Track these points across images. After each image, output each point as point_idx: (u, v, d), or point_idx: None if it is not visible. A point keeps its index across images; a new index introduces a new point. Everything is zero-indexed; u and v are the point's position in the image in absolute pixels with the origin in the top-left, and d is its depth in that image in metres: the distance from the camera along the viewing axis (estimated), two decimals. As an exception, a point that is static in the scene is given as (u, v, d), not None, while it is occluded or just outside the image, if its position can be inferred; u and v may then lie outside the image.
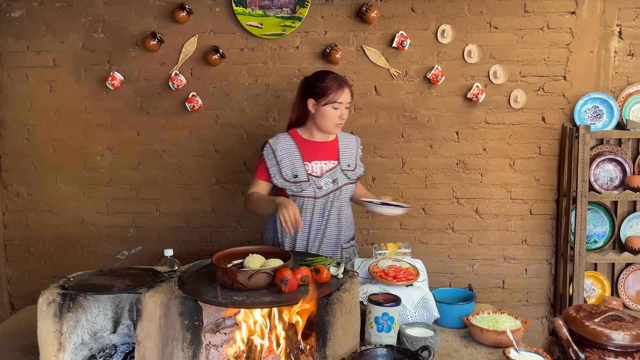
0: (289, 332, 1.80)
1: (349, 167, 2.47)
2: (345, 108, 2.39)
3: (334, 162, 2.45)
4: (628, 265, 3.18)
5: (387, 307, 1.81)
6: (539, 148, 3.19)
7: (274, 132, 3.18)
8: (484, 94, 3.11)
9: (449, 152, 3.21)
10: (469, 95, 3.11)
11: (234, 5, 3.08)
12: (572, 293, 3.06)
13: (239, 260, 1.88)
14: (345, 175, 2.45)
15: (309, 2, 3.05)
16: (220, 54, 3.11)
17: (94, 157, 3.28)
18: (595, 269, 3.21)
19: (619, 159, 3.09)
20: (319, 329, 1.70)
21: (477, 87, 3.10)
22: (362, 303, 1.92)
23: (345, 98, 2.37)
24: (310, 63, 3.15)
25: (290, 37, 3.13)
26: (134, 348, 1.78)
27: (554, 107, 3.15)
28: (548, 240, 3.26)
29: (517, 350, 1.75)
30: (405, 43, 3.08)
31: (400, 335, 1.86)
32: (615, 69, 3.11)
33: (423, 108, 3.18)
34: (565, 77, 3.12)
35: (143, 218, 3.33)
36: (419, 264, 2.24)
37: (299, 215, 2.16)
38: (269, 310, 1.74)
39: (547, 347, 1.81)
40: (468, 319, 1.98)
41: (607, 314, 1.69)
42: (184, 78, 3.16)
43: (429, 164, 3.22)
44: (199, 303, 1.69)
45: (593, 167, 3.09)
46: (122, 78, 3.16)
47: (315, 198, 2.39)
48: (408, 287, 2.07)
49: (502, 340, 1.85)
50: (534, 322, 3.29)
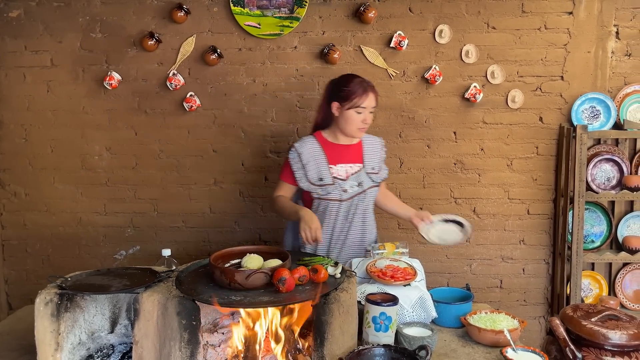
0: (287, 331, 1.80)
1: (374, 170, 2.46)
2: (370, 112, 2.36)
3: (359, 165, 2.44)
4: (625, 265, 3.19)
5: (384, 306, 1.81)
6: (537, 148, 3.19)
7: (272, 132, 3.22)
8: (482, 94, 3.12)
9: (447, 152, 3.21)
10: (467, 95, 3.12)
11: (232, 5, 3.08)
12: (569, 293, 3.07)
13: (237, 260, 1.88)
14: (370, 179, 2.44)
15: (307, 2, 3.06)
16: (218, 54, 3.11)
17: (92, 157, 3.28)
18: (593, 269, 3.21)
19: (616, 159, 3.10)
20: (317, 329, 1.70)
21: (474, 87, 3.10)
22: (359, 303, 1.92)
23: (370, 103, 2.35)
24: (308, 63, 3.15)
25: (288, 37, 3.13)
26: (132, 348, 1.78)
27: (552, 107, 3.15)
28: (545, 240, 3.26)
29: (514, 350, 1.75)
30: (403, 43, 3.08)
31: (398, 335, 1.86)
32: (613, 69, 3.11)
33: (421, 108, 3.18)
34: (563, 77, 3.13)
35: (141, 218, 3.32)
36: (417, 264, 2.25)
37: (320, 233, 2.19)
38: (267, 310, 1.74)
39: (544, 346, 1.81)
40: (465, 319, 1.98)
41: (604, 314, 1.70)
42: (182, 78, 3.15)
43: (427, 164, 3.23)
44: (197, 303, 1.69)
45: (590, 167, 3.10)
46: (119, 78, 3.16)
47: (341, 201, 2.39)
48: (406, 286, 2.07)
49: (499, 340, 1.86)
50: (532, 321, 3.29)
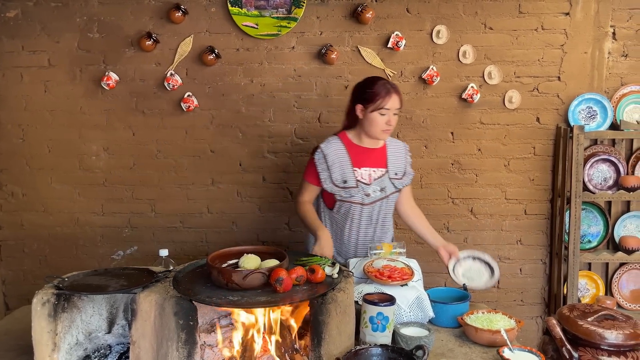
0: (284, 331, 1.80)
1: (397, 175, 2.46)
2: (394, 114, 2.35)
3: (383, 169, 2.44)
4: (622, 265, 3.19)
5: (381, 306, 1.82)
6: (534, 148, 3.20)
7: (270, 132, 3.22)
8: (479, 95, 3.12)
9: (444, 152, 3.22)
10: (464, 96, 3.13)
11: (230, 6, 3.08)
12: (566, 293, 3.08)
13: (234, 260, 1.88)
14: (393, 184, 2.44)
15: (305, 2, 3.06)
16: (216, 54, 3.11)
17: (89, 157, 3.28)
18: (590, 269, 3.22)
19: (613, 159, 3.11)
20: (314, 329, 1.70)
21: (472, 87, 3.11)
22: (357, 303, 1.93)
23: (393, 104, 2.33)
24: (306, 63, 3.15)
25: (286, 37, 3.13)
26: (129, 348, 1.78)
27: (548, 107, 3.16)
28: (542, 240, 3.27)
29: (511, 350, 1.76)
30: (401, 43, 3.09)
31: (395, 335, 1.86)
32: (609, 70, 3.12)
33: (418, 108, 3.18)
34: (560, 77, 3.14)
35: (138, 218, 3.32)
36: (414, 264, 2.25)
37: (331, 255, 2.21)
38: (264, 310, 1.75)
39: (541, 346, 1.82)
40: (462, 319, 1.99)
41: (600, 313, 1.70)
42: (180, 78, 3.15)
43: (424, 164, 3.23)
44: (194, 303, 1.69)
45: (587, 167, 3.11)
46: (117, 78, 3.16)
47: (363, 205, 2.40)
48: (403, 286, 2.07)
49: (496, 340, 1.86)
50: (529, 321, 3.30)
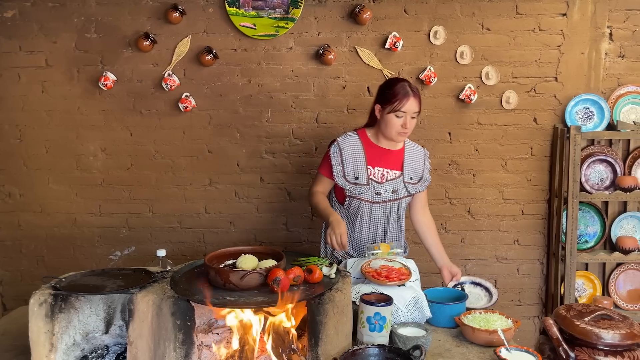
0: (282, 331, 1.80)
1: (412, 180, 2.45)
2: (411, 118, 2.33)
3: (397, 172, 2.43)
4: (619, 265, 3.20)
5: (379, 306, 1.82)
6: (531, 149, 3.21)
7: (268, 132, 3.22)
8: (476, 95, 3.13)
9: (442, 152, 3.22)
10: (461, 96, 3.13)
11: (227, 6, 3.08)
12: (563, 293, 3.08)
13: (232, 261, 1.88)
14: (406, 188, 2.43)
15: (302, 3, 3.06)
16: (214, 55, 3.11)
17: (87, 157, 3.27)
18: (587, 269, 3.23)
19: (610, 160, 3.12)
20: (311, 329, 1.70)
21: (469, 88, 3.11)
22: (354, 303, 1.93)
23: (410, 107, 2.31)
24: (304, 64, 3.16)
25: (284, 37, 3.13)
26: (126, 349, 1.78)
27: (546, 108, 3.17)
28: (540, 241, 3.28)
29: (508, 350, 1.76)
30: (398, 44, 3.09)
31: (392, 335, 1.87)
32: (606, 71, 3.13)
33: (416, 109, 3.19)
34: (557, 78, 3.14)
35: (136, 218, 3.32)
36: (411, 264, 2.25)
37: (346, 240, 2.20)
38: (262, 310, 1.75)
39: (537, 346, 1.83)
40: (460, 319, 1.99)
41: (596, 313, 1.71)
42: (177, 78, 3.15)
43: (422, 165, 3.23)
44: (191, 303, 1.69)
45: (584, 167, 3.11)
46: (115, 78, 3.16)
47: (372, 203, 2.40)
48: (400, 287, 2.07)
49: (493, 340, 1.87)
50: (526, 321, 3.31)
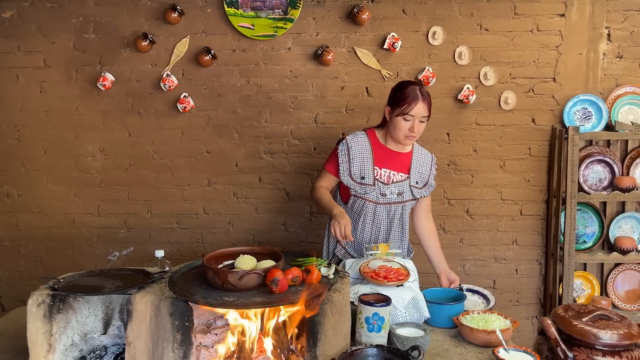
0: (280, 332, 1.80)
1: (417, 184, 2.45)
2: (420, 122, 2.31)
3: (404, 174, 2.43)
4: (617, 265, 3.20)
5: (377, 307, 1.82)
6: (529, 149, 3.21)
7: (266, 132, 3.22)
8: (475, 96, 3.13)
9: (440, 153, 3.22)
10: (460, 97, 3.13)
11: (226, 7, 3.08)
12: (561, 293, 3.09)
13: (230, 261, 1.88)
14: (411, 192, 2.43)
15: (301, 3, 3.06)
16: (212, 55, 3.11)
17: (85, 158, 3.27)
18: (585, 269, 3.23)
19: (608, 160, 3.12)
20: (310, 329, 1.70)
21: (467, 88, 3.12)
22: (352, 303, 1.93)
23: (418, 111, 2.29)
24: (302, 64, 3.16)
25: (282, 38, 3.13)
26: (125, 349, 1.78)
27: (544, 108, 3.17)
28: (538, 241, 3.28)
29: (506, 350, 1.76)
30: (397, 45, 3.09)
31: (391, 335, 1.87)
32: (604, 71, 3.14)
33: (414, 109, 3.19)
34: (555, 78, 3.15)
35: (134, 219, 3.32)
36: (410, 265, 2.26)
37: (350, 231, 2.19)
38: (260, 311, 1.74)
39: (536, 346, 1.82)
40: (458, 319, 1.99)
41: (595, 314, 1.70)
42: (176, 79, 3.15)
43: (420, 165, 3.24)
44: (190, 304, 1.69)
45: (582, 168, 3.12)
46: (113, 79, 3.16)
47: (377, 204, 2.39)
48: (399, 287, 2.08)
49: (491, 340, 1.87)
50: (525, 321, 3.31)
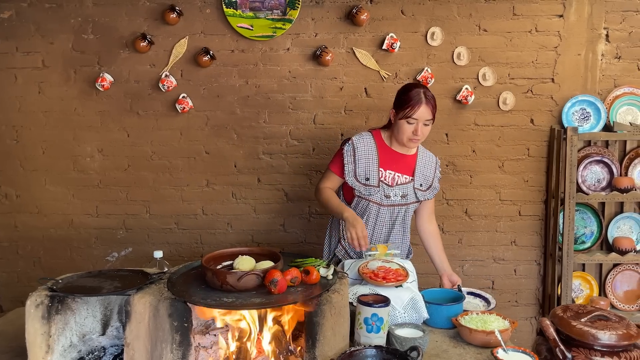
0: (279, 333, 1.80)
1: (421, 187, 2.45)
2: (424, 125, 2.31)
3: (408, 177, 2.43)
4: (615, 266, 3.21)
5: (376, 308, 1.82)
6: (528, 150, 3.21)
7: (265, 133, 3.22)
8: (473, 96, 3.13)
9: (439, 153, 3.19)
10: (459, 97, 3.13)
11: (225, 7, 3.08)
12: (560, 293, 3.09)
13: (229, 262, 1.88)
14: (415, 195, 2.44)
15: (299, 4, 3.06)
16: (211, 56, 3.11)
17: (84, 158, 3.27)
18: (583, 270, 3.24)
19: (606, 161, 3.13)
20: (309, 330, 1.70)
21: (466, 89, 3.12)
22: (351, 304, 1.93)
23: (422, 115, 2.29)
24: (301, 65, 3.16)
25: (281, 38, 3.13)
26: (123, 350, 1.78)
27: (542, 109, 3.17)
28: (537, 241, 3.28)
29: (505, 350, 1.76)
30: (395, 45, 3.09)
31: (390, 336, 1.87)
32: (603, 72, 3.14)
33: (413, 110, 3.19)
34: (554, 79, 3.15)
35: (133, 220, 3.31)
36: (409, 265, 2.26)
37: (367, 235, 2.22)
38: (259, 312, 1.75)
39: (534, 347, 1.83)
40: (457, 320, 1.99)
41: (593, 314, 1.71)
42: (174, 79, 3.15)
43: (419, 166, 3.24)
44: (188, 305, 1.69)
45: (581, 168, 3.12)
46: (112, 79, 3.15)
47: (381, 205, 2.39)
48: (397, 288, 2.08)
49: (490, 341, 1.87)
50: (523, 322, 3.31)
